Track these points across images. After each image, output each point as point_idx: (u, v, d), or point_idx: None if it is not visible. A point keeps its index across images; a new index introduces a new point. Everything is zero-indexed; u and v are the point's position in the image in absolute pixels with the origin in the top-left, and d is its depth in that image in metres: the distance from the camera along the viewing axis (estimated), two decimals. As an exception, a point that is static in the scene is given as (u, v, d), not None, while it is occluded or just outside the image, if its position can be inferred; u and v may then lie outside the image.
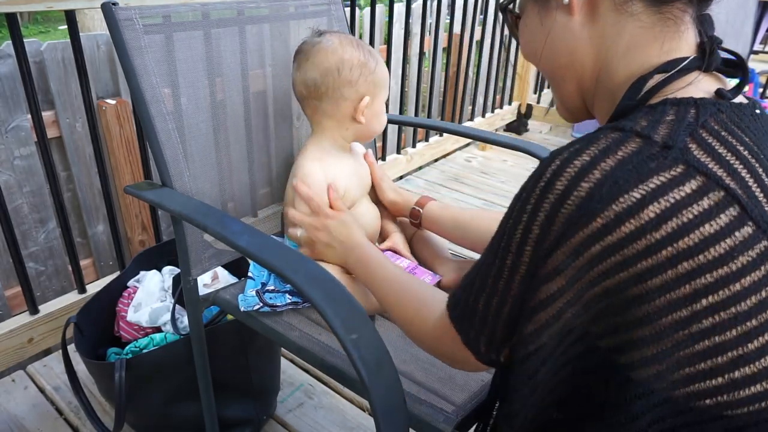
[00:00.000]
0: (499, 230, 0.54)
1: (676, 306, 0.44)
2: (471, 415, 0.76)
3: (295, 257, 0.71)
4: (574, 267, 0.46)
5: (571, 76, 0.58)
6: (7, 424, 1.33)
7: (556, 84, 0.62)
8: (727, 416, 0.46)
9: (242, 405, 1.24)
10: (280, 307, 0.96)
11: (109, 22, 0.84)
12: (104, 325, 1.27)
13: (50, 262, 1.91)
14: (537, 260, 0.49)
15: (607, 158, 0.45)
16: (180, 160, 0.92)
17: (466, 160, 3.08)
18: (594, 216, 0.44)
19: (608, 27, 0.54)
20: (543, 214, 0.47)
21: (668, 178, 0.43)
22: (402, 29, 2.65)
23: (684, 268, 0.43)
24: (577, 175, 0.46)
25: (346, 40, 0.94)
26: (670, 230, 0.43)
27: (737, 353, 0.45)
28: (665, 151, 0.45)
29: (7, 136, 1.69)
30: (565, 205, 0.46)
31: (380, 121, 1.00)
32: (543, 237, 0.48)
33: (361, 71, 0.93)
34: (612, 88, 0.55)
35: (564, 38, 0.56)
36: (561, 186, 0.46)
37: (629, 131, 0.47)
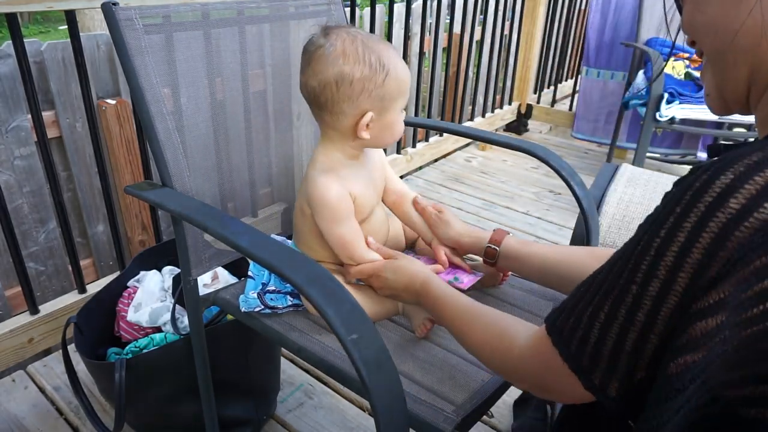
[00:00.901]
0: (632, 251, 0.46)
1: None
2: (471, 415, 0.76)
3: (295, 257, 0.71)
4: (740, 299, 0.39)
5: (745, 62, 0.49)
6: (7, 424, 1.33)
7: (724, 66, 0.52)
8: None
9: (242, 405, 1.24)
10: (281, 309, 0.96)
11: (109, 22, 0.84)
12: (104, 325, 1.27)
13: (50, 262, 1.91)
14: (695, 291, 0.42)
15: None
16: (180, 160, 0.92)
17: (466, 160, 3.08)
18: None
19: None
20: (709, 236, 0.40)
21: None
22: (402, 29, 2.65)
23: None
24: (758, 194, 0.38)
25: (352, 46, 0.83)
26: None
27: None
28: None
29: (7, 136, 1.69)
30: (741, 227, 0.39)
31: (392, 132, 0.90)
32: (706, 263, 0.41)
33: (364, 86, 0.83)
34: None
35: (753, 17, 0.47)
36: (737, 204, 0.39)
37: None
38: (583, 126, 3.25)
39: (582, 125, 3.26)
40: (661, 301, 0.44)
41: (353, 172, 0.92)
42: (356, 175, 0.92)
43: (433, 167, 2.97)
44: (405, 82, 0.87)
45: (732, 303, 0.40)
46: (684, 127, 2.38)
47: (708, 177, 0.41)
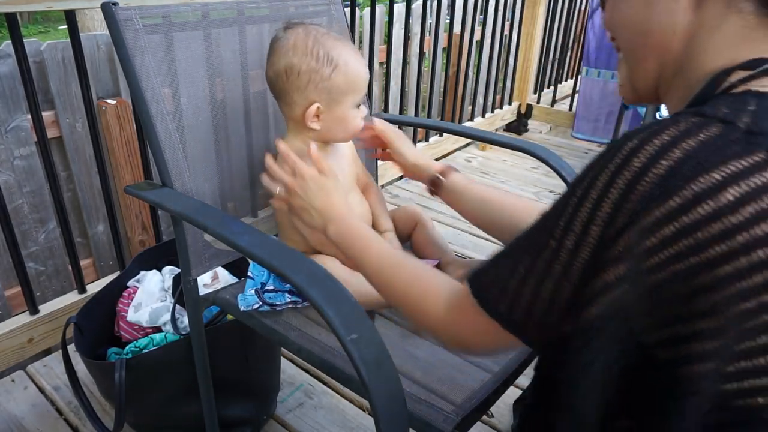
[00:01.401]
0: (555, 210, 0.51)
1: (745, 296, 0.42)
2: (471, 414, 0.76)
3: (295, 257, 0.71)
4: (644, 246, 0.44)
5: (655, 57, 0.56)
6: (7, 424, 1.33)
7: (636, 61, 0.58)
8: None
9: (242, 405, 1.24)
10: (280, 306, 0.96)
11: (109, 22, 0.84)
12: (104, 325, 1.27)
13: (50, 262, 1.91)
14: (605, 241, 0.47)
15: (689, 139, 0.44)
16: (180, 160, 0.92)
17: (466, 160, 3.08)
18: (671, 194, 0.43)
19: (711, 18, 0.52)
20: (617, 191, 0.46)
21: (750, 163, 0.42)
22: (402, 29, 2.65)
23: (758, 256, 0.42)
24: (657, 153, 0.44)
25: (303, 40, 0.88)
26: (748, 215, 0.41)
27: None
28: (749, 137, 0.44)
29: (7, 136, 1.69)
30: (642, 182, 0.44)
31: (345, 126, 0.94)
32: (614, 215, 0.46)
33: (311, 78, 0.88)
34: (693, 78, 0.53)
35: (663, 18, 0.54)
36: (639, 163, 0.45)
37: (711, 116, 0.45)
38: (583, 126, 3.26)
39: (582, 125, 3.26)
40: (576, 253, 0.48)
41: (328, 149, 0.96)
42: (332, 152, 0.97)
43: (433, 167, 2.96)
44: (356, 79, 0.90)
45: (636, 250, 0.45)
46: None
47: (618, 143, 0.47)
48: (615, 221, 0.46)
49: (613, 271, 0.47)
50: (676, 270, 0.43)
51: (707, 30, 0.52)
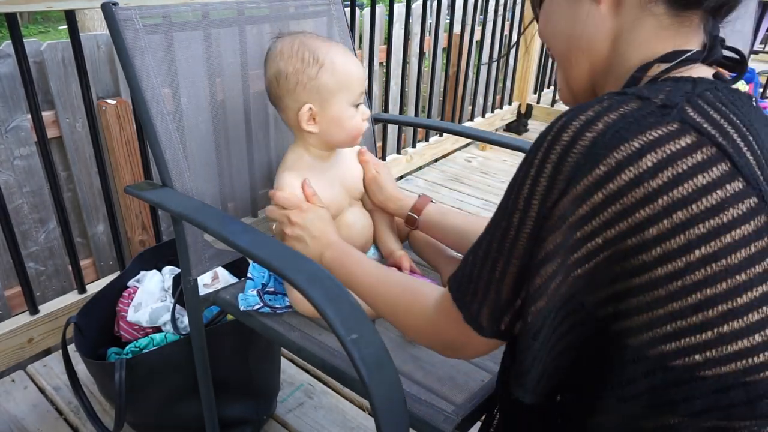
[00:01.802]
0: (506, 193, 0.55)
1: (671, 256, 0.46)
2: (471, 414, 0.76)
3: (295, 257, 0.71)
4: (578, 215, 0.48)
5: (585, 60, 0.61)
6: (7, 424, 1.33)
7: (568, 66, 0.64)
8: (715, 375, 0.48)
9: (242, 405, 1.24)
10: (280, 309, 0.96)
11: (109, 22, 0.84)
12: (104, 325, 1.27)
13: (50, 262, 1.91)
14: (545, 212, 0.50)
15: (610, 113, 0.48)
16: (180, 160, 0.92)
17: (466, 160, 3.08)
18: (597, 162, 0.47)
19: (629, 21, 0.57)
20: (550, 165, 0.49)
21: (665, 132, 0.46)
22: (402, 29, 2.65)
23: (678, 217, 0.45)
24: (582, 127, 0.48)
25: (288, 45, 0.90)
26: (666, 179, 0.45)
27: (726, 307, 0.47)
28: (663, 109, 0.48)
29: (7, 136, 1.69)
30: (571, 153, 0.48)
31: (342, 127, 0.93)
32: (550, 187, 0.49)
33: (298, 79, 0.89)
34: (621, 74, 0.58)
35: (587, 24, 0.59)
36: (567, 137, 0.49)
37: (630, 94, 0.50)
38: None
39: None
40: (521, 228, 0.52)
41: (318, 172, 0.96)
42: (321, 175, 0.96)
43: (433, 167, 2.97)
44: (345, 77, 0.90)
45: (571, 219, 0.48)
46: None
47: (550, 124, 0.51)
48: (551, 193, 0.49)
49: (552, 239, 0.50)
50: (608, 236, 0.47)
51: (627, 31, 0.57)
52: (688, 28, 0.56)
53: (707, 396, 0.49)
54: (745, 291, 0.47)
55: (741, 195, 0.46)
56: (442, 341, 0.65)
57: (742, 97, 0.54)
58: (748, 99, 0.55)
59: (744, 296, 0.47)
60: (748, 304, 0.47)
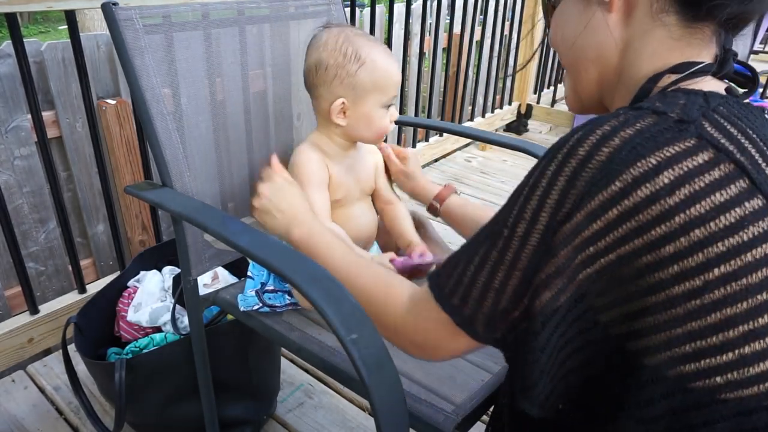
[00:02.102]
0: (508, 202, 0.54)
1: (689, 274, 0.45)
2: (471, 414, 0.76)
3: (295, 257, 0.71)
4: (591, 230, 0.47)
5: (595, 67, 0.61)
6: (7, 424, 1.33)
7: (577, 73, 0.64)
8: (737, 398, 0.47)
9: (242, 405, 1.24)
10: (280, 307, 0.96)
11: (109, 22, 0.84)
12: (104, 325, 1.27)
13: (50, 262, 1.91)
14: (553, 226, 0.49)
15: (627, 128, 0.47)
16: (180, 160, 0.92)
17: (466, 160, 3.08)
18: (613, 178, 0.46)
19: (640, 31, 0.57)
20: (564, 178, 0.49)
21: (683, 149, 0.46)
22: (402, 29, 2.65)
23: (696, 235, 0.44)
24: (598, 142, 0.48)
25: (334, 38, 0.91)
26: (683, 197, 0.45)
27: (748, 327, 0.46)
28: (680, 125, 0.47)
29: (7, 136, 1.69)
30: (586, 168, 0.47)
31: (369, 125, 0.94)
32: (562, 201, 0.49)
33: (337, 72, 0.90)
34: (631, 84, 0.58)
35: (597, 33, 0.59)
36: (583, 151, 0.48)
37: (646, 109, 0.49)
38: (583, 126, 3.25)
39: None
40: (526, 240, 0.51)
41: (335, 159, 0.98)
42: (340, 162, 0.98)
43: (433, 167, 2.97)
44: (383, 78, 0.91)
45: (584, 234, 0.48)
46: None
47: (566, 136, 0.51)
48: (562, 206, 0.49)
49: (563, 254, 0.49)
50: (622, 252, 0.47)
51: (637, 41, 0.57)
52: (700, 39, 0.55)
53: (729, 419, 0.48)
54: (766, 311, 0.46)
55: (761, 213, 0.45)
56: (414, 342, 0.64)
57: (754, 111, 0.53)
58: (760, 113, 0.54)
59: (766, 316, 0.46)
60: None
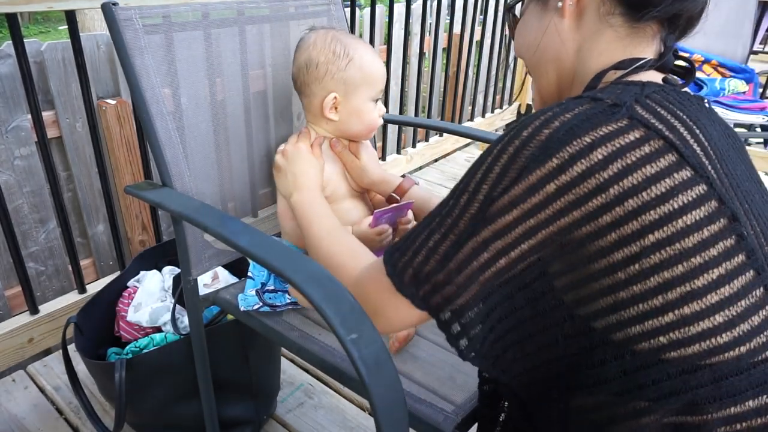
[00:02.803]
0: (461, 178, 0.59)
1: (626, 241, 0.50)
2: (471, 414, 0.76)
3: (295, 257, 0.71)
4: (531, 202, 0.52)
5: (553, 69, 0.67)
6: (7, 424, 1.33)
7: (539, 76, 0.70)
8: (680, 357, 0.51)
9: (242, 405, 1.24)
10: (280, 307, 0.96)
11: (109, 22, 0.84)
12: (104, 325, 1.27)
13: (50, 262, 1.91)
14: (491, 197, 0.54)
15: (566, 113, 0.53)
16: (180, 160, 0.92)
17: (466, 160, 3.08)
18: (551, 156, 0.51)
19: (590, 32, 0.63)
20: (506, 156, 0.54)
21: (615, 128, 0.51)
22: (402, 29, 2.65)
23: (630, 205, 0.49)
24: (540, 125, 0.53)
25: (322, 37, 0.95)
26: (616, 170, 0.49)
27: (685, 289, 0.50)
28: (614, 108, 0.52)
29: (7, 136, 1.69)
30: (527, 147, 0.52)
31: (361, 120, 0.98)
32: (503, 175, 0.53)
33: (328, 68, 0.94)
34: (584, 82, 0.64)
35: (554, 37, 0.65)
36: (526, 133, 0.53)
37: (585, 97, 0.55)
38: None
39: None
40: (466, 208, 0.56)
41: (328, 155, 1.00)
42: (330, 159, 1.00)
43: (433, 167, 2.97)
44: (371, 73, 0.96)
45: (523, 206, 0.52)
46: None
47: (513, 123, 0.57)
48: (502, 180, 0.53)
49: (502, 221, 0.53)
50: (562, 224, 0.51)
51: (588, 42, 0.63)
52: (643, 38, 0.61)
53: (674, 378, 0.51)
54: (701, 273, 0.50)
55: (689, 182, 0.50)
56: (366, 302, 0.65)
57: (691, 98, 0.59)
58: (697, 100, 0.60)
59: (701, 278, 0.50)
60: (707, 285, 0.50)
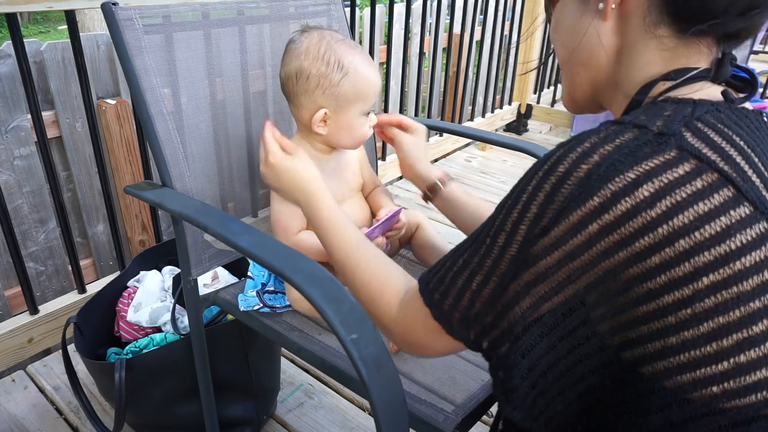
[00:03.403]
0: (494, 212, 0.56)
1: (678, 284, 0.45)
2: (471, 415, 0.76)
3: (295, 257, 0.71)
4: (573, 244, 0.48)
5: (588, 71, 0.62)
6: (7, 424, 1.33)
7: (572, 75, 0.64)
8: (735, 407, 0.47)
9: (242, 405, 1.24)
10: (280, 308, 0.96)
11: (109, 22, 0.84)
12: (104, 325, 1.27)
13: (50, 262, 1.91)
14: (531, 239, 0.50)
15: (606, 144, 0.48)
16: (180, 160, 0.92)
17: (466, 160, 3.08)
18: (591, 194, 0.46)
19: (632, 40, 0.57)
20: (543, 194, 0.49)
21: (662, 161, 0.46)
22: (402, 29, 2.65)
23: (682, 245, 0.44)
24: (578, 159, 0.48)
25: (316, 45, 0.88)
26: (665, 208, 0.45)
27: (742, 335, 0.45)
28: (660, 138, 0.47)
29: (7, 136, 1.69)
30: (565, 184, 0.48)
31: (351, 134, 0.93)
32: (540, 216, 0.49)
33: (319, 83, 0.88)
34: (628, 89, 0.58)
35: (590, 38, 0.59)
36: (563, 168, 0.49)
37: (627, 123, 0.49)
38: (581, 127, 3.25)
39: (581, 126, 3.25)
40: (505, 249, 0.52)
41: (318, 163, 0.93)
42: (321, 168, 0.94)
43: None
44: (365, 88, 0.90)
45: (565, 247, 0.48)
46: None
47: (548, 154, 0.52)
48: (540, 221, 0.49)
49: (543, 264, 0.50)
50: (607, 266, 0.47)
51: (631, 50, 0.57)
52: (695, 48, 0.55)
53: (727, 430, 0.47)
54: (761, 318, 0.45)
55: (748, 220, 0.45)
56: (402, 335, 0.65)
57: (749, 116, 0.52)
58: (756, 118, 0.53)
59: (760, 324, 0.45)
60: (765, 332, 0.45)
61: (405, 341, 0.65)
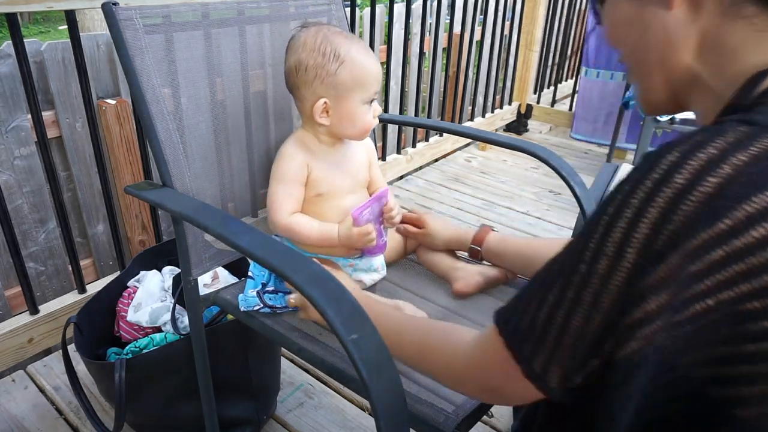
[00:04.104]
0: (585, 231, 0.46)
1: None
2: (471, 415, 0.76)
3: (295, 257, 0.71)
4: (688, 272, 0.40)
5: (658, 72, 0.53)
6: (7, 424, 1.33)
7: (641, 76, 0.56)
8: None
9: (242, 405, 1.24)
10: (280, 309, 0.96)
11: (109, 22, 0.84)
12: (104, 325, 1.27)
13: (50, 262, 1.91)
14: (642, 265, 0.42)
15: (739, 153, 0.39)
16: (180, 159, 0.92)
17: (466, 160, 3.08)
18: (721, 216, 0.38)
19: (713, 27, 0.48)
20: (656, 210, 0.41)
21: None
22: (402, 29, 2.65)
23: None
24: (703, 169, 0.39)
25: (312, 38, 0.91)
26: None
27: None
28: None
29: (7, 136, 1.68)
30: (686, 201, 0.39)
31: (353, 123, 0.96)
32: (654, 237, 0.41)
33: (317, 73, 0.91)
34: (718, 84, 0.49)
35: (657, 32, 0.51)
36: (682, 180, 0.40)
37: (763, 125, 0.40)
38: (582, 127, 3.25)
39: (581, 126, 3.25)
40: (609, 279, 0.43)
41: (323, 155, 0.99)
42: (325, 159, 0.99)
43: (433, 167, 2.97)
44: (363, 75, 0.92)
45: (681, 277, 0.40)
46: (684, 127, 2.38)
47: (656, 155, 0.42)
48: (654, 244, 0.41)
49: (654, 300, 0.41)
50: (723, 298, 0.39)
51: (714, 40, 0.48)
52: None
53: None
54: None
55: None
56: (482, 386, 0.58)
57: None
58: None
59: None
60: None
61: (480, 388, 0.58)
